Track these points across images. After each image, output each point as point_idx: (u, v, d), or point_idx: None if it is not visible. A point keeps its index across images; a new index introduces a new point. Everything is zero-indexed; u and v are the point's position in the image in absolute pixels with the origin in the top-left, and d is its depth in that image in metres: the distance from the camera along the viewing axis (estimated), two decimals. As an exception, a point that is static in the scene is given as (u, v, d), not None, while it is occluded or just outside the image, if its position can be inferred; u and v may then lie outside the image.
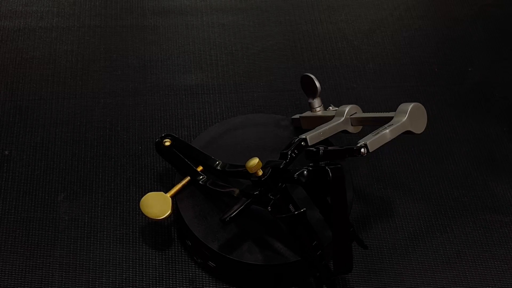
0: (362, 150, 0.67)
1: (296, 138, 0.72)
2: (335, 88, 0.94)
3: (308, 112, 0.82)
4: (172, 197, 0.74)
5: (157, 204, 0.73)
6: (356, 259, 0.77)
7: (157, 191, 0.81)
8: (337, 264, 0.67)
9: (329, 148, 0.66)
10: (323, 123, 0.77)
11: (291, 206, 0.69)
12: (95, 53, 0.96)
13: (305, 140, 0.72)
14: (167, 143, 0.78)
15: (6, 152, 0.84)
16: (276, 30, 1.02)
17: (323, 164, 0.66)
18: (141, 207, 0.73)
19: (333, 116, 0.78)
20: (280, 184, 0.68)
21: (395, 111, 0.72)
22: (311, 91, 0.80)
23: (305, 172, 0.67)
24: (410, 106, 0.72)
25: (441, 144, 0.90)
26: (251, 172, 0.67)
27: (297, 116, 0.83)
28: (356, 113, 0.77)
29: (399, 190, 0.84)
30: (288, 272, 0.73)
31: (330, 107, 0.81)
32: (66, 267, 0.74)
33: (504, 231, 0.81)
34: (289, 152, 0.70)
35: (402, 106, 0.73)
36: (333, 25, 1.03)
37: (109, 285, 0.74)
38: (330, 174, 0.65)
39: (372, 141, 0.68)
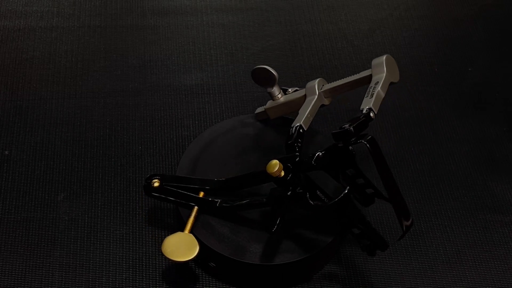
0: (371, 114, 0.67)
1: (293, 128, 0.72)
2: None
3: (270, 102, 0.81)
4: (191, 232, 0.71)
5: (182, 245, 0.69)
6: (356, 259, 0.77)
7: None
8: (402, 221, 0.68)
9: (354, 124, 0.66)
10: (291, 107, 0.78)
11: (319, 192, 0.69)
12: (95, 53, 0.96)
13: (301, 127, 0.72)
14: (157, 184, 0.74)
15: (6, 152, 0.84)
16: (276, 30, 1.02)
17: (353, 140, 0.65)
18: (166, 254, 0.69)
19: (301, 97, 0.77)
20: (301, 175, 0.68)
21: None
22: (268, 81, 0.79)
23: (320, 155, 0.67)
24: (383, 58, 0.72)
25: (441, 144, 0.90)
26: (274, 176, 0.67)
27: (261, 109, 0.83)
28: (323, 85, 0.77)
29: (399, 190, 0.84)
30: (288, 272, 0.73)
31: (289, 90, 0.80)
32: (66, 267, 0.74)
33: (504, 231, 0.81)
34: (295, 143, 0.70)
35: (375, 62, 0.73)
36: (333, 25, 1.03)
37: (109, 285, 0.74)
38: (369, 146, 0.65)
39: (374, 103, 0.68)
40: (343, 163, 0.68)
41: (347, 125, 0.65)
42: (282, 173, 0.67)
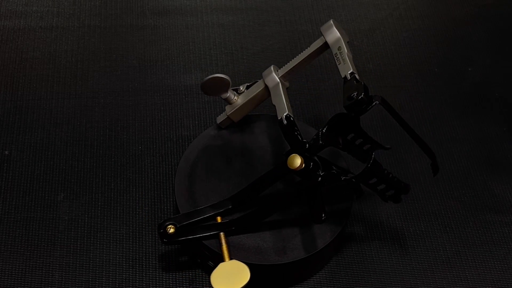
0: (357, 76, 0.68)
1: (284, 119, 0.71)
2: (335, 88, 0.94)
3: (228, 106, 0.79)
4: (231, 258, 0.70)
5: (231, 273, 0.67)
6: (356, 259, 0.77)
7: (157, 191, 0.81)
8: (430, 156, 0.73)
9: (361, 91, 0.66)
10: (254, 104, 0.77)
11: (334, 167, 0.70)
12: (95, 53, 0.96)
13: (290, 115, 0.72)
14: (172, 229, 0.70)
15: (6, 152, 0.84)
16: (276, 30, 1.01)
17: (364, 106, 0.66)
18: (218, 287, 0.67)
19: (262, 90, 0.76)
20: (315, 158, 0.69)
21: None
22: (222, 88, 0.77)
23: (324, 131, 0.68)
24: (331, 22, 0.73)
25: (441, 144, 0.90)
26: (298, 170, 0.66)
27: (223, 116, 0.80)
28: (278, 70, 0.77)
29: (399, 190, 0.84)
30: (288, 272, 0.73)
31: (241, 88, 0.79)
32: (66, 267, 0.74)
33: (504, 231, 0.81)
34: (295, 132, 0.70)
35: (324, 28, 0.73)
36: (333, 25, 1.03)
37: (109, 285, 0.74)
38: (384, 106, 0.67)
39: (352, 66, 0.70)
40: (346, 130, 0.69)
41: (354, 94, 0.65)
42: (303, 165, 0.66)
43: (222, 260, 0.69)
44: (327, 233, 0.72)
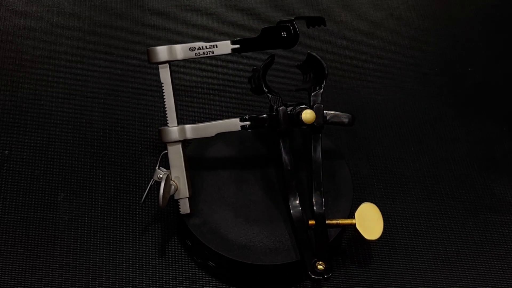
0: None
1: (245, 124, 0.73)
2: (335, 88, 0.94)
3: (176, 194, 0.73)
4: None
5: (369, 221, 0.73)
6: (356, 259, 0.77)
7: (157, 191, 0.81)
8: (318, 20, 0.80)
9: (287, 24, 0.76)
10: (188, 171, 0.74)
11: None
12: (95, 53, 0.96)
13: (242, 117, 0.74)
14: (322, 266, 0.69)
15: (6, 152, 0.84)
16: (276, 30, 1.01)
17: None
18: (374, 235, 0.72)
19: (183, 152, 0.74)
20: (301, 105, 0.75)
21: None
22: (169, 190, 0.72)
23: (268, 87, 0.77)
24: (152, 48, 0.73)
25: (441, 144, 0.90)
26: (314, 121, 0.73)
27: (184, 204, 0.73)
28: (168, 125, 0.75)
29: (399, 190, 0.84)
30: (288, 272, 0.73)
31: (159, 174, 0.72)
32: (66, 267, 0.74)
33: (504, 231, 0.81)
34: (263, 116, 0.74)
35: (156, 57, 0.74)
36: (333, 25, 1.03)
37: (109, 285, 0.74)
38: (296, 17, 0.76)
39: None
40: (268, 68, 0.80)
41: (283, 33, 0.76)
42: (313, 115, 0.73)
43: (354, 225, 0.72)
44: (253, 257, 0.71)
